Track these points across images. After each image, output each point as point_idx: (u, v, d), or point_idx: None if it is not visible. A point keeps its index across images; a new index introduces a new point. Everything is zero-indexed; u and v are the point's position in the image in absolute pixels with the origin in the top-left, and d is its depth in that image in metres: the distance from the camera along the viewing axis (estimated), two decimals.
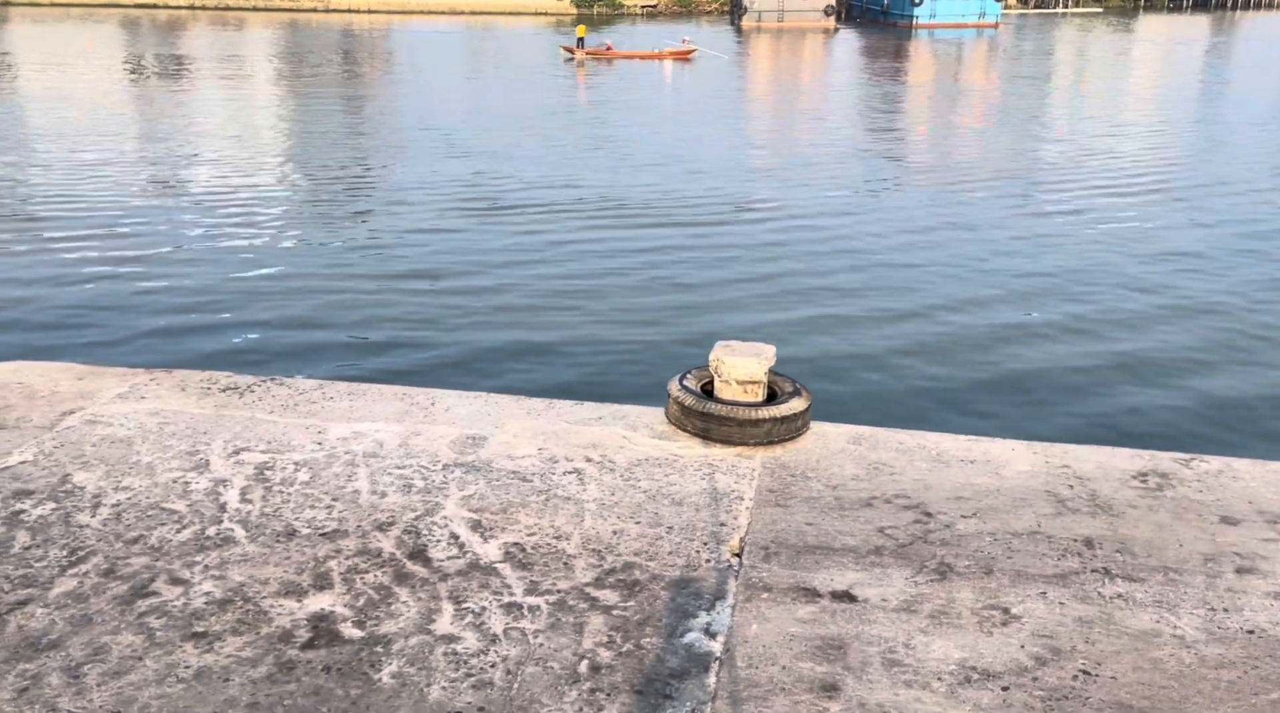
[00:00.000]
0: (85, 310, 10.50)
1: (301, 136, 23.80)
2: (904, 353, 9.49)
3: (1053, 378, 8.95)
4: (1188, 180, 19.01)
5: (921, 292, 11.59)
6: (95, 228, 14.32)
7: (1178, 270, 12.66)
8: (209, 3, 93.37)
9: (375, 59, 50.02)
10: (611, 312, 10.66)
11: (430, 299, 11.08)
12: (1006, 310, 10.97)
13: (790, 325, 10.29)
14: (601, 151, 21.93)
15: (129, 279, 11.71)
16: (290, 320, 10.29)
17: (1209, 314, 10.83)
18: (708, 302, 11.11)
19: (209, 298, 11.00)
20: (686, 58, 47.37)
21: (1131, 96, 33.96)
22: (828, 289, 11.75)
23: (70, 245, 13.39)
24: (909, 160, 21.39)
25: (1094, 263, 12.97)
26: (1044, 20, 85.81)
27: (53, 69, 39.81)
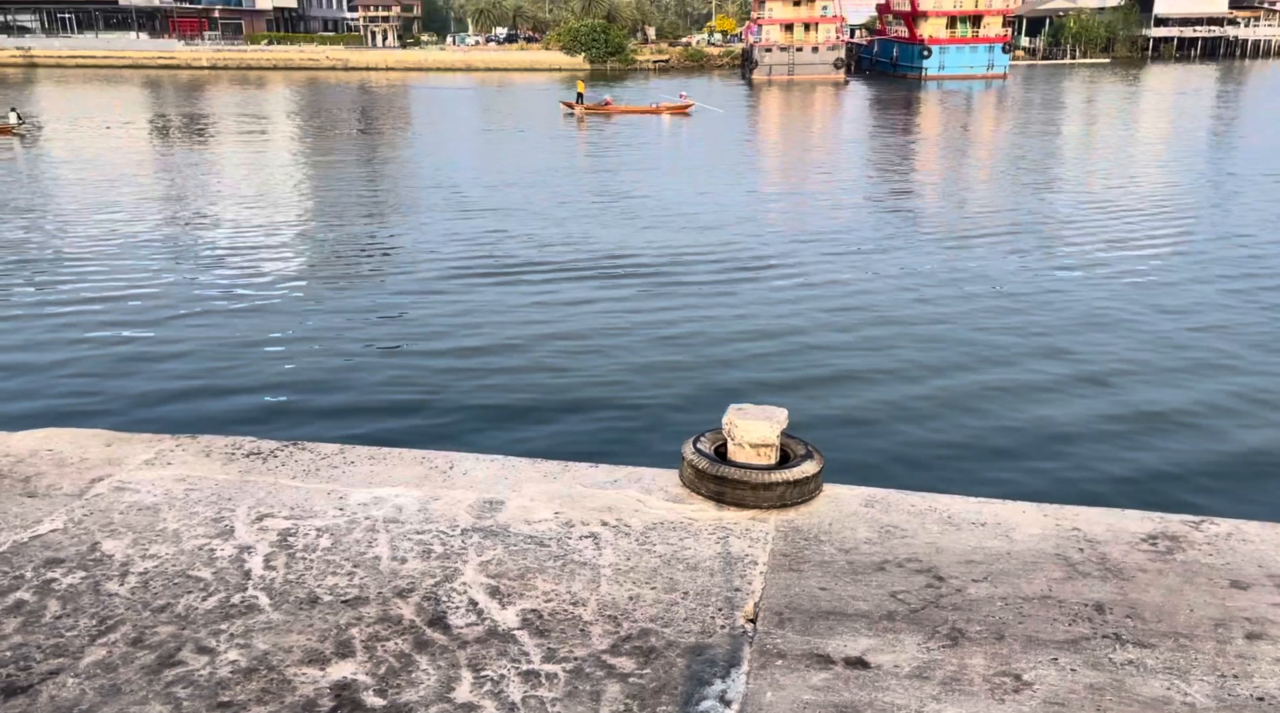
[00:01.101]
0: (110, 373, 10.68)
1: (317, 195, 24.23)
2: (914, 411, 9.52)
3: (1063, 435, 8.96)
4: (1199, 234, 19.05)
5: (931, 348, 11.64)
6: (119, 289, 14.60)
7: (1187, 326, 12.68)
8: (230, 62, 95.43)
9: (390, 116, 50.92)
10: (624, 371, 10.75)
11: (445, 360, 11.21)
12: (1016, 367, 10.99)
13: (802, 383, 10.35)
14: (610, 208, 22.17)
15: (153, 342, 11.92)
16: (310, 382, 10.43)
17: (1218, 371, 10.83)
18: (720, 360, 11.19)
19: (231, 360, 11.17)
20: (684, 112, 48.11)
21: (1142, 147, 34.17)
22: (838, 347, 11.81)
23: (95, 307, 13.66)
24: (919, 215, 21.53)
25: (1104, 319, 13.00)
26: (1052, 71, 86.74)
27: (83, 129, 40.72)
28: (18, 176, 27.24)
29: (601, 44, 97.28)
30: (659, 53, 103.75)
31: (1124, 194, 23.79)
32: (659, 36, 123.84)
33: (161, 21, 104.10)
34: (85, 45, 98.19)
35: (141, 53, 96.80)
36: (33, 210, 21.51)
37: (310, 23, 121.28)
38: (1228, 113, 49.10)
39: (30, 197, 23.38)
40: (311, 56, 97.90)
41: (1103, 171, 28.00)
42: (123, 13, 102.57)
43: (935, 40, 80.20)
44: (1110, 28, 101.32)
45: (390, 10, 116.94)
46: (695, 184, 25.87)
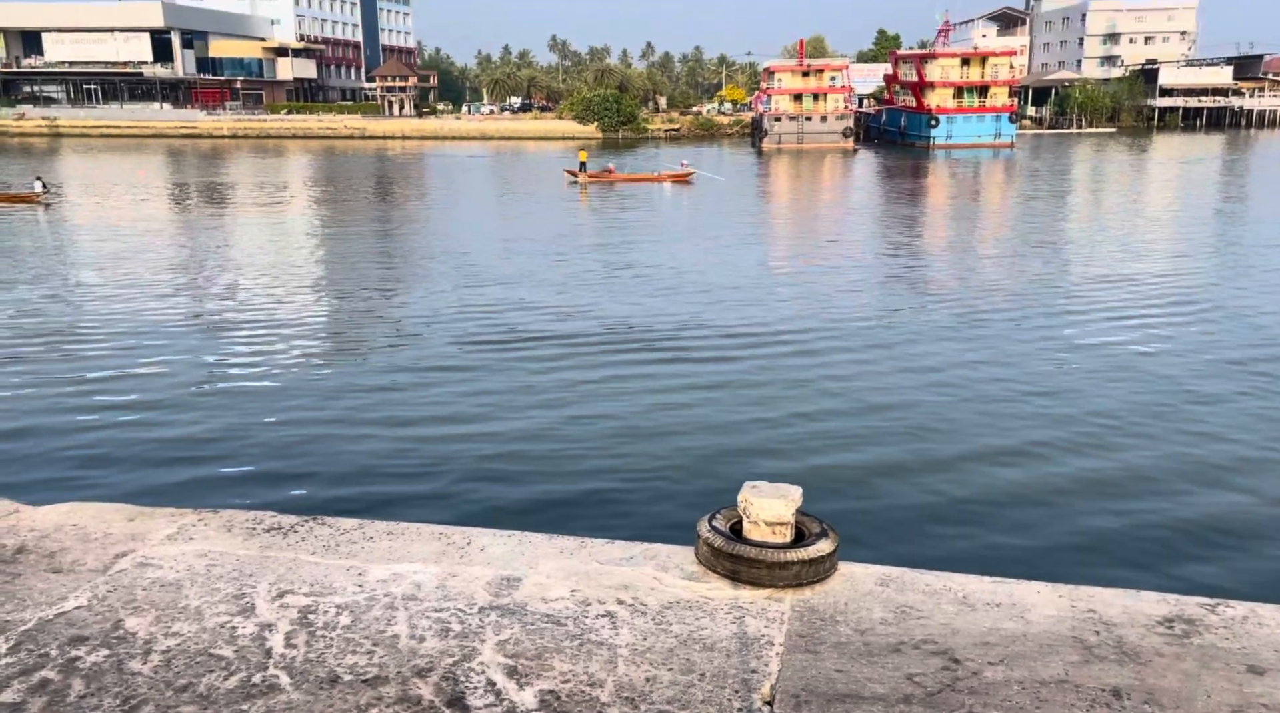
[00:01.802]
0: (131, 444, 10.79)
1: (332, 264, 24.55)
2: (926, 485, 9.50)
3: (1074, 510, 8.92)
4: (1207, 306, 18.97)
5: (943, 424, 11.60)
6: (137, 359, 14.78)
7: (1199, 401, 12.61)
8: (250, 130, 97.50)
9: (405, 184, 51.79)
10: (637, 443, 10.76)
11: (458, 431, 11.27)
12: (1028, 441, 10.94)
13: (814, 455, 10.36)
14: (618, 278, 22.35)
15: (171, 413, 12.05)
16: (327, 453, 10.50)
17: (1229, 447, 10.77)
18: (732, 431, 11.18)
19: (249, 431, 11.26)
20: (685, 180, 48.76)
21: (1150, 217, 34.39)
22: (849, 419, 11.79)
23: (114, 377, 13.81)
24: (929, 285, 21.59)
25: (1116, 392, 12.94)
26: (1059, 140, 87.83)
27: (105, 196, 41.53)
28: (41, 244, 27.75)
29: (614, 113, 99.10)
30: (670, 122, 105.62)
31: (1133, 264, 23.90)
32: (670, 106, 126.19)
33: (185, 92, 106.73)
34: (110, 115, 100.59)
35: (165, 123, 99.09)
36: (54, 278, 21.87)
37: (329, 93, 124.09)
38: (1234, 182, 49.51)
39: (52, 264, 23.79)
40: (329, 125, 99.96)
41: (1111, 240, 28.19)
42: (147, 84, 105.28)
43: (942, 110, 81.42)
44: (1115, 98, 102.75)
45: (407, 81, 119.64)
46: (704, 253, 26.11)
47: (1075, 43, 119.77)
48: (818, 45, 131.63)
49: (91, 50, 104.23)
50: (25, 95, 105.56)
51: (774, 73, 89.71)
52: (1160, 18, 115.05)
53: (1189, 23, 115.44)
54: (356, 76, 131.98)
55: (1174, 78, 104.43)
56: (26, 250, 26.25)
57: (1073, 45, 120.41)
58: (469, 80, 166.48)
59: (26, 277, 22.18)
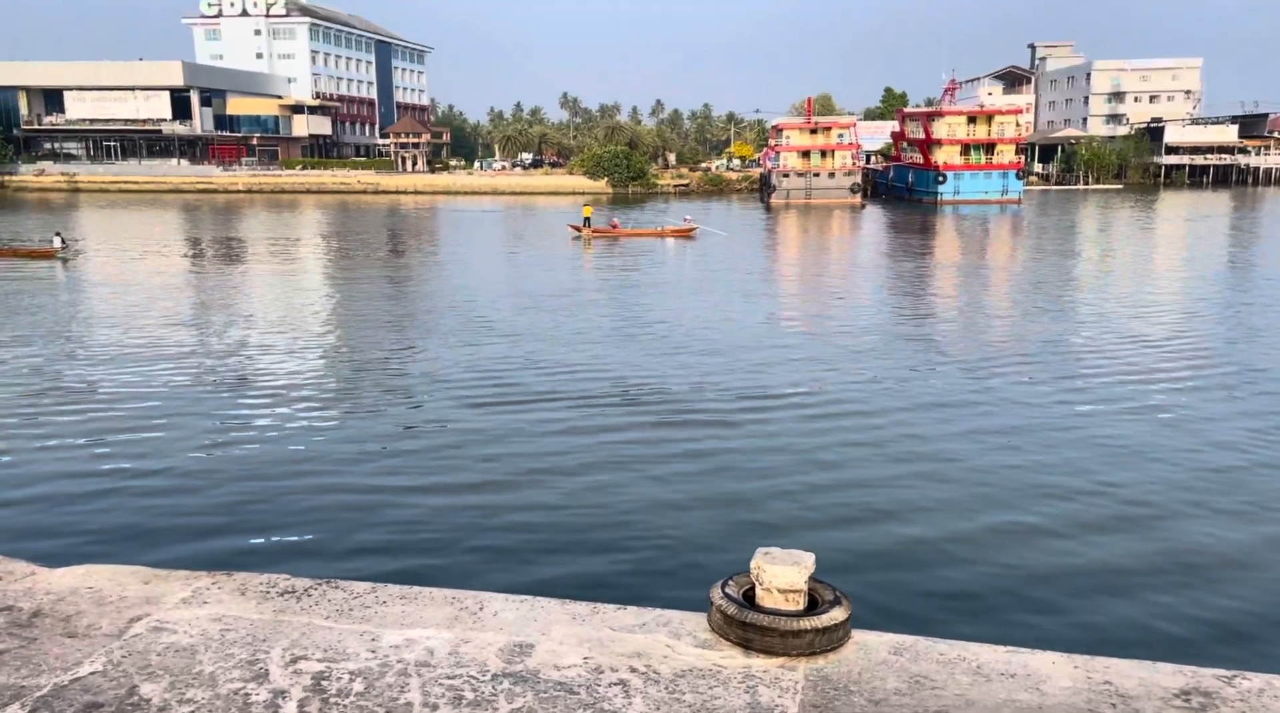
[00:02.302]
0: (146, 503, 10.83)
1: (343, 320, 24.72)
2: (938, 550, 9.44)
3: (1088, 575, 8.84)
4: (1225, 369, 18.77)
5: (955, 489, 11.54)
6: (150, 418, 14.88)
7: (1212, 465, 12.50)
8: (265, 186, 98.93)
9: (416, 238, 52.36)
10: (649, 504, 10.73)
11: (469, 491, 11.26)
12: (1041, 504, 10.88)
13: (825, 516, 10.31)
14: (626, 334, 22.43)
15: (184, 473, 12.11)
16: (338, 512, 10.52)
17: (1242, 511, 10.67)
18: (743, 492, 11.15)
19: (261, 490, 11.31)
20: (688, 235, 49.22)
21: (1159, 275, 34.45)
22: (859, 481, 11.73)
23: (128, 436, 13.90)
24: (939, 343, 21.53)
25: (1128, 455, 12.86)
26: (1066, 196, 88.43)
27: (121, 252, 42.07)
28: (58, 300, 28.07)
29: (624, 169, 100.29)
30: (679, 177, 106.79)
31: (1144, 324, 23.78)
32: (679, 162, 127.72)
33: (202, 149, 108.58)
34: (128, 171, 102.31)
35: (181, 178, 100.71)
36: (70, 336, 22.09)
37: (343, 148, 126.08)
38: (1243, 239, 49.66)
39: (68, 321, 24.03)
40: (343, 180, 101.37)
41: (1121, 299, 28.20)
42: (165, 141, 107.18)
43: (950, 166, 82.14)
44: (1122, 155, 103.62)
45: (420, 138, 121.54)
46: (714, 310, 26.23)
47: (1080, 101, 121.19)
48: (825, 103, 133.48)
49: (112, 108, 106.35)
50: (45, 152, 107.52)
51: (782, 130, 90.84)
52: (1165, 77, 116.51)
53: (1193, 82, 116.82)
54: (371, 133, 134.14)
55: (1179, 136, 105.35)
56: (44, 306, 26.55)
57: (1078, 103, 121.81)
58: (481, 136, 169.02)
59: (43, 333, 22.42)
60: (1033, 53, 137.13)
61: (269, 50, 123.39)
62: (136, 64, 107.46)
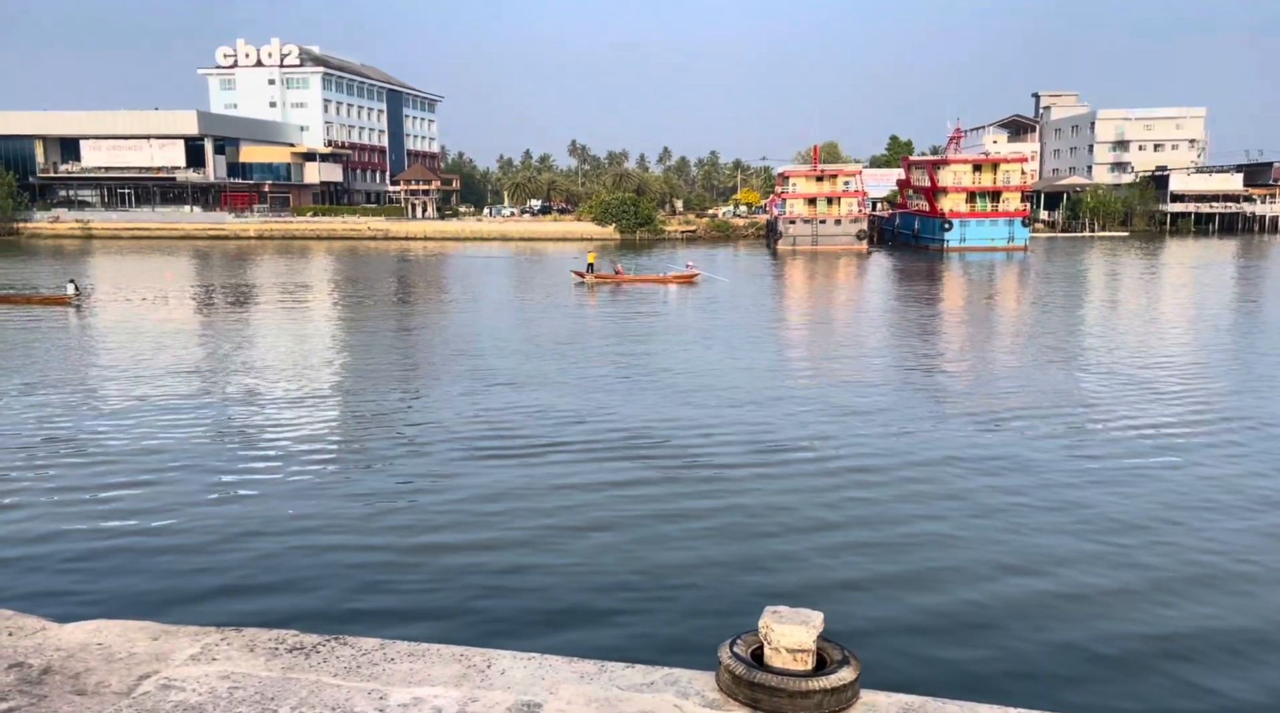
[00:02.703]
0: (154, 556, 10.84)
1: (351, 368, 24.76)
2: (951, 612, 9.35)
3: (1101, 641, 8.74)
4: (1232, 418, 18.61)
5: (967, 543, 11.45)
6: (158, 470, 14.93)
7: (1229, 526, 12.34)
8: (276, 232, 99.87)
9: (423, 285, 52.70)
10: (656, 558, 10.68)
11: (474, 545, 11.24)
12: (1054, 564, 10.76)
13: (833, 571, 10.25)
14: (633, 382, 22.39)
15: (190, 527, 12.14)
16: (345, 566, 10.52)
17: (1255, 576, 10.51)
18: (750, 547, 11.08)
19: (268, 543, 11.32)
20: (690, 281, 49.57)
21: (1167, 324, 34.32)
22: (871, 539, 11.63)
23: (136, 488, 13.94)
24: (948, 394, 21.36)
25: (1140, 513, 12.73)
26: (1072, 243, 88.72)
27: (136, 299, 42.42)
28: (70, 347, 28.27)
29: (632, 215, 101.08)
30: (687, 224, 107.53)
31: (1153, 372, 23.59)
32: (686, 208, 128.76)
33: (215, 196, 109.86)
34: (141, 218, 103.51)
35: (193, 225, 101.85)
36: (81, 384, 22.20)
37: (354, 195, 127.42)
38: (1250, 287, 49.66)
39: (76, 370, 24.15)
40: (353, 227, 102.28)
41: (1129, 348, 28.10)
42: (179, 188, 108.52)
43: (955, 214, 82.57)
44: (1127, 203, 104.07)
45: (430, 185, 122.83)
46: (721, 357, 26.23)
47: (1085, 149, 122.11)
48: (831, 150, 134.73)
49: (127, 157, 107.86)
50: (61, 199, 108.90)
51: (788, 177, 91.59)
52: (1169, 126, 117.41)
53: (1197, 131, 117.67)
54: (381, 180, 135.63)
55: (1184, 184, 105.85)
56: (55, 354, 26.73)
57: (1083, 152, 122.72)
58: (491, 183, 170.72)
59: (53, 382, 22.56)
60: (1037, 102, 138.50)
61: (282, 99, 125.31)
62: (152, 113, 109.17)
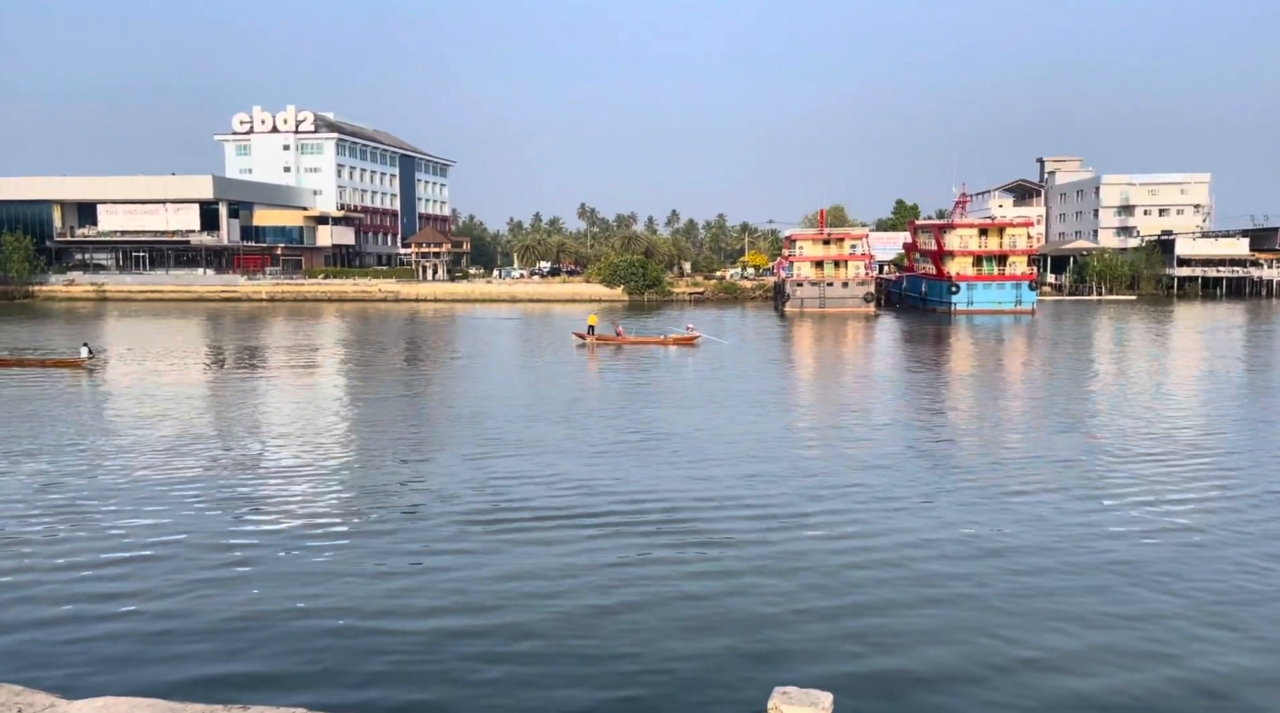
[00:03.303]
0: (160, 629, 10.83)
1: (356, 434, 24.76)
2: (964, 690, 9.23)
3: None
4: (1248, 494, 18.29)
5: (979, 618, 11.34)
6: (166, 538, 14.96)
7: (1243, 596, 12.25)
8: (287, 294, 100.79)
9: (430, 347, 52.98)
10: (663, 638, 10.56)
11: (483, 621, 11.16)
12: (1067, 637, 10.65)
13: (843, 649, 10.15)
14: (635, 448, 22.29)
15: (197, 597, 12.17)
16: (351, 644, 10.47)
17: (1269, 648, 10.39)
18: (761, 627, 10.97)
19: (274, 619, 11.29)
20: (691, 343, 49.92)
21: (1178, 390, 33.89)
22: (883, 613, 11.52)
23: (142, 558, 13.97)
24: (958, 463, 21.08)
25: (1155, 585, 12.62)
26: (1080, 306, 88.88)
27: (148, 361, 42.70)
28: (80, 412, 28.40)
29: (640, 277, 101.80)
30: (694, 285, 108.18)
31: (1164, 441, 23.29)
32: (694, 270, 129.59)
33: (228, 258, 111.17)
34: (155, 281, 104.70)
35: (207, 287, 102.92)
36: (90, 449, 22.27)
37: (365, 258, 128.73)
38: (1259, 353, 49.52)
39: (87, 436, 24.20)
40: (364, 289, 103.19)
41: (1140, 414, 27.81)
42: (193, 251, 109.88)
43: (962, 277, 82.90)
44: (1134, 266, 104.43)
45: (441, 247, 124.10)
46: (727, 421, 26.15)
47: (1090, 213, 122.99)
48: (838, 214, 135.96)
49: (143, 220, 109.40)
50: (76, 262, 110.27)
51: (796, 240, 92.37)
52: (1173, 191, 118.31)
53: (1202, 196, 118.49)
54: (393, 242, 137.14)
55: (1190, 248, 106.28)
56: (67, 419, 26.87)
57: (1088, 216, 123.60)
58: (501, 245, 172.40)
59: (64, 445, 22.70)
60: (1041, 167, 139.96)
61: (296, 164, 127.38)
62: (169, 178, 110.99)
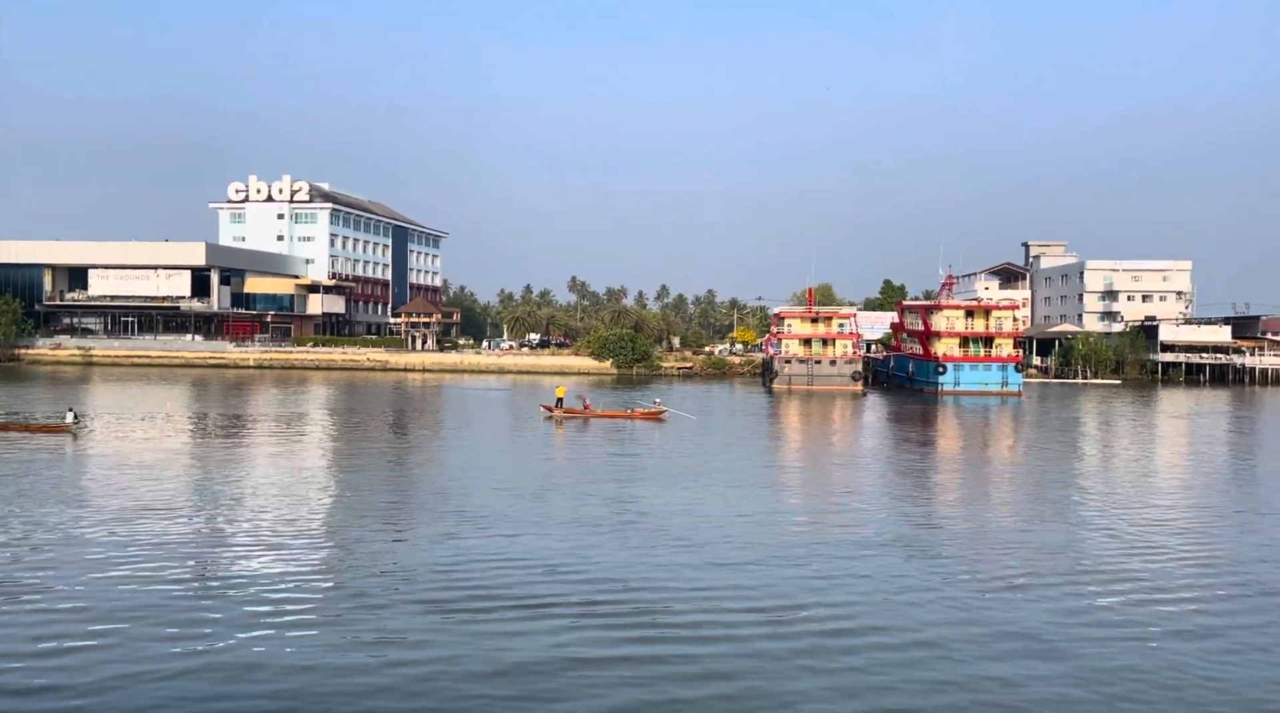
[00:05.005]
0: None
1: (333, 511, 24.38)
2: None
3: None
4: (1234, 581, 18.42)
5: None
6: (134, 622, 14.80)
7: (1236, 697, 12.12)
8: (276, 361, 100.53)
9: (413, 418, 52.70)
10: None
11: None
12: None
13: None
14: (610, 531, 21.99)
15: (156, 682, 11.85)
16: None
17: None
18: None
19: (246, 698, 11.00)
20: (657, 418, 50.05)
21: (1164, 479, 33.82)
22: None
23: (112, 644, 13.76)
24: (946, 552, 20.91)
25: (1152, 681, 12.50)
26: (1066, 390, 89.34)
27: (134, 428, 42.30)
28: (61, 479, 28.06)
29: (629, 351, 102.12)
30: (683, 360, 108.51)
31: (1152, 532, 23.25)
32: (683, 345, 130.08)
33: (217, 325, 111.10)
34: (143, 346, 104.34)
35: (194, 353, 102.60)
36: (64, 521, 21.93)
37: (355, 326, 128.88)
38: (1244, 440, 49.73)
39: (67, 503, 23.92)
40: (353, 358, 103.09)
41: (1128, 504, 27.73)
42: (182, 317, 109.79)
43: (949, 358, 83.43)
44: (1119, 351, 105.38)
45: (431, 317, 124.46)
46: (711, 507, 25.76)
47: (1075, 298, 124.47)
48: (826, 292, 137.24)
49: (134, 285, 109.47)
50: (64, 326, 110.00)
51: (784, 318, 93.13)
52: (1155, 277, 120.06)
53: (1184, 283, 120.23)
54: (383, 311, 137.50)
55: (1174, 334, 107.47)
56: (48, 484, 26.56)
57: (1073, 300, 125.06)
58: (491, 316, 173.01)
59: (43, 513, 22.38)
60: (1026, 251, 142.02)
61: (290, 233, 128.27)
62: (162, 244, 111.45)
